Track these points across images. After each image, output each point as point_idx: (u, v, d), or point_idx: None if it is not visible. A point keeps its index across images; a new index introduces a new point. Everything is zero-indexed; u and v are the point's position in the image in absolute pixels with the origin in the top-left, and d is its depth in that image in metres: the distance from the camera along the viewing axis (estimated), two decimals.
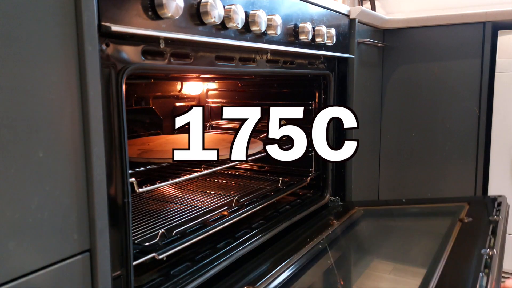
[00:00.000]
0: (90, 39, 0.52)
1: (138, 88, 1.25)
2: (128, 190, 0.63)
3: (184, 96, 1.45)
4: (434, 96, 1.53)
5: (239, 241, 0.95)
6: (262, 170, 1.46)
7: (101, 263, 0.56)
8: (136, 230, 0.89)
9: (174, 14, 0.63)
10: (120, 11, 0.58)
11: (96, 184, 0.54)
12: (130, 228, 0.64)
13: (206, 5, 0.69)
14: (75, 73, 0.51)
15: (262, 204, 1.07)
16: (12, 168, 0.46)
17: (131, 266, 0.64)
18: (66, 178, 0.51)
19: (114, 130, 0.60)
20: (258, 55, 0.92)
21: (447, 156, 1.53)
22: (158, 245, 0.81)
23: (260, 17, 0.82)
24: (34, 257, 0.49)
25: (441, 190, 1.55)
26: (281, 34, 0.92)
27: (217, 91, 1.54)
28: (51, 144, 0.49)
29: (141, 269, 0.80)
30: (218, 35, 0.75)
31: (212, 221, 0.96)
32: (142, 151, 1.00)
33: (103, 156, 0.55)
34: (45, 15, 0.48)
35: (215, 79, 1.47)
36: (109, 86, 0.59)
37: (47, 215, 0.49)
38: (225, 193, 1.20)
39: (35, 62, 0.47)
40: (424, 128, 1.56)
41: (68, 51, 0.51)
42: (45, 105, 0.48)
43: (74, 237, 0.53)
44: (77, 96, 0.52)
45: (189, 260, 0.87)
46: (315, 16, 1.07)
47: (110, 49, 0.59)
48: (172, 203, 1.12)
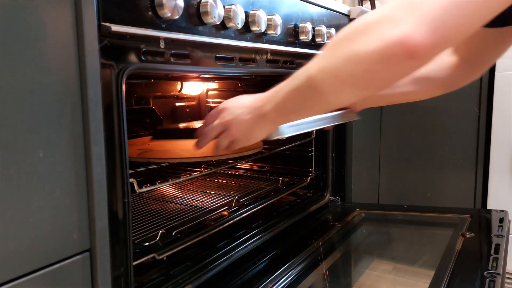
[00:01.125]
0: (90, 39, 0.52)
1: (138, 88, 1.25)
2: (128, 190, 0.63)
3: (184, 96, 1.45)
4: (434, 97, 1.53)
5: (239, 241, 0.95)
6: (262, 170, 1.46)
7: (101, 263, 0.56)
8: (136, 230, 0.89)
9: (174, 14, 0.63)
10: (120, 11, 0.58)
11: (96, 184, 0.54)
12: (130, 228, 0.64)
13: (206, 5, 0.69)
14: (75, 73, 0.51)
15: (262, 204, 1.07)
16: (12, 168, 0.46)
17: (131, 266, 0.64)
18: (66, 178, 0.51)
19: (114, 130, 0.60)
20: (258, 55, 0.92)
21: (447, 156, 1.53)
22: (158, 245, 0.81)
23: (260, 17, 0.82)
24: (34, 257, 0.49)
25: (441, 191, 1.55)
26: (281, 34, 0.92)
27: (217, 91, 1.54)
28: (51, 144, 0.49)
29: (141, 269, 0.80)
30: (218, 35, 0.75)
31: (212, 221, 0.96)
32: (142, 151, 1.00)
33: (103, 156, 0.55)
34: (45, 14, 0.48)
35: (215, 79, 1.47)
36: (109, 86, 0.59)
37: (47, 215, 0.49)
38: (225, 193, 1.20)
39: (36, 62, 0.47)
40: (424, 128, 1.56)
41: (68, 51, 0.51)
42: (45, 105, 0.48)
43: (74, 237, 0.53)
44: (77, 96, 0.52)
45: (189, 260, 0.87)
46: (315, 16, 1.07)
47: (110, 49, 0.59)
48: (172, 203, 1.12)
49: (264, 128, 0.66)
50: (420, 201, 1.58)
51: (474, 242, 1.01)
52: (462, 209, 1.30)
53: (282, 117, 0.65)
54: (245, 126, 0.68)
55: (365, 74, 0.50)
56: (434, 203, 1.55)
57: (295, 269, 0.92)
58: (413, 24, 0.45)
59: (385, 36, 0.46)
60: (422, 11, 0.45)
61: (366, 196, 1.51)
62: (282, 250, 1.00)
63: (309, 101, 0.59)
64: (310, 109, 0.62)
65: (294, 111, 0.64)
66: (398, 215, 1.29)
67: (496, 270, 0.83)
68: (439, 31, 0.45)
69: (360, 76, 0.50)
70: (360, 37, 0.49)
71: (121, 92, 0.60)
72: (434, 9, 0.45)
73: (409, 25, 0.45)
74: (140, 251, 0.78)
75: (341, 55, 0.51)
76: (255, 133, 0.67)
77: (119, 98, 0.60)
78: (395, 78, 0.51)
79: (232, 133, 0.70)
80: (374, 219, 1.31)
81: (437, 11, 0.45)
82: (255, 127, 0.67)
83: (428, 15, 0.45)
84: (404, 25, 0.45)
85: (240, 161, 1.19)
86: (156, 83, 1.31)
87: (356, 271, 1.04)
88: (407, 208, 1.30)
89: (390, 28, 0.46)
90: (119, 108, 0.60)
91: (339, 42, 0.52)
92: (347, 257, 1.09)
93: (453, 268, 0.87)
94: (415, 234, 1.24)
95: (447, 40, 0.47)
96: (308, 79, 0.57)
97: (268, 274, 0.88)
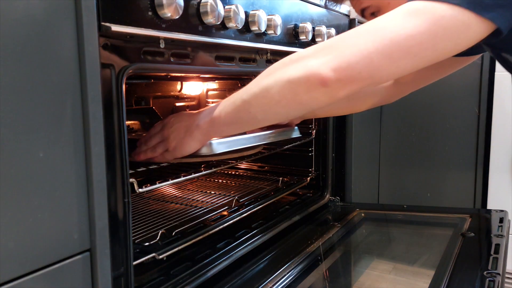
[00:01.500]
0: (90, 39, 0.52)
1: (138, 88, 1.25)
2: (128, 190, 0.63)
3: (184, 96, 1.45)
4: (433, 96, 1.53)
5: (239, 241, 0.95)
6: (262, 170, 1.47)
7: (101, 263, 0.56)
8: (136, 230, 0.89)
9: (174, 14, 0.63)
10: (120, 11, 0.58)
11: (96, 184, 0.54)
12: (130, 228, 0.64)
13: (206, 5, 0.69)
14: (75, 73, 0.51)
15: (262, 204, 1.07)
16: (12, 168, 0.46)
17: (131, 266, 0.64)
18: (66, 178, 0.51)
19: (114, 130, 0.60)
20: (258, 55, 0.92)
21: (447, 157, 1.53)
22: (158, 245, 0.81)
23: (260, 17, 0.82)
24: (34, 257, 0.49)
25: (441, 191, 1.55)
26: (281, 34, 0.92)
27: (217, 91, 1.54)
28: (51, 144, 0.49)
29: (141, 269, 0.80)
30: (218, 35, 0.75)
31: (212, 221, 0.96)
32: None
33: (103, 156, 0.55)
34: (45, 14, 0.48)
35: (215, 79, 1.47)
36: (109, 86, 0.59)
37: (47, 215, 0.49)
38: (225, 193, 1.20)
39: (35, 62, 0.47)
40: (424, 128, 1.56)
41: (68, 51, 0.51)
42: (45, 105, 0.48)
43: (74, 237, 0.53)
44: (77, 96, 0.52)
45: (189, 260, 0.87)
46: (315, 16, 1.07)
47: (110, 49, 0.59)
48: (172, 203, 1.12)
49: (196, 139, 0.71)
50: (420, 201, 1.58)
51: (474, 242, 1.01)
52: (462, 209, 1.30)
53: (214, 128, 0.70)
54: (180, 137, 0.72)
55: (290, 95, 0.60)
56: (434, 203, 1.55)
57: (295, 269, 0.92)
58: (327, 61, 0.57)
59: (307, 66, 0.58)
60: (337, 53, 0.57)
61: (366, 196, 1.51)
62: (282, 250, 1.00)
63: (241, 115, 0.67)
64: (241, 124, 0.69)
65: (226, 124, 0.69)
66: (398, 215, 1.29)
67: (496, 270, 0.83)
68: (344, 71, 0.57)
69: (286, 95, 0.60)
70: (291, 65, 0.60)
71: (121, 92, 0.60)
72: (346, 55, 0.57)
73: (324, 61, 0.57)
74: (140, 251, 0.78)
75: (275, 77, 0.62)
76: (188, 143, 0.71)
77: (119, 98, 0.60)
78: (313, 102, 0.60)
79: (167, 143, 0.74)
80: (374, 219, 1.31)
81: (347, 57, 0.57)
82: (189, 137, 0.71)
83: (341, 57, 0.57)
84: (321, 60, 0.57)
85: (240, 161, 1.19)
86: (156, 83, 1.31)
87: (356, 271, 1.04)
88: (407, 208, 1.30)
89: (312, 61, 0.58)
90: (119, 108, 0.60)
91: (276, 67, 0.63)
92: (347, 257, 1.09)
93: (453, 268, 0.87)
94: (415, 234, 1.24)
95: (352, 80, 0.57)
96: (242, 100, 0.66)
97: (268, 274, 0.88)
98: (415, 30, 0.55)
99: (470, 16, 0.55)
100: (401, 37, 0.56)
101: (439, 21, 0.55)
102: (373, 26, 0.58)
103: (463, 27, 0.56)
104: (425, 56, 0.58)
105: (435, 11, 0.55)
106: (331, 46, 0.59)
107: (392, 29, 0.56)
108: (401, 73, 0.60)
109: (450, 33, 0.56)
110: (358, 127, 1.39)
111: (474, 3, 0.55)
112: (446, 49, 0.58)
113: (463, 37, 0.57)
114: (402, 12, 0.57)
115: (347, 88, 0.58)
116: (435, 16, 0.55)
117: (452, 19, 0.55)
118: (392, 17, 0.58)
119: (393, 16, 0.58)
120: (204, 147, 0.70)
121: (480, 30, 0.57)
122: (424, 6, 0.56)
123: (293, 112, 0.66)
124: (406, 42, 0.56)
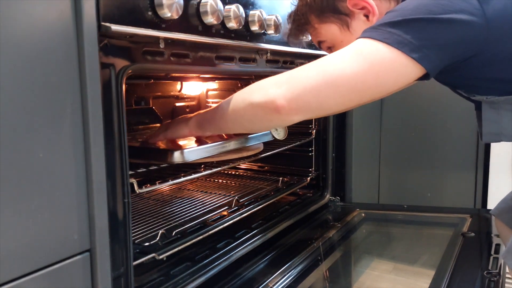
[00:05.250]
0: (90, 39, 0.52)
1: (138, 88, 1.25)
2: (128, 190, 0.63)
3: (184, 96, 1.45)
4: (434, 96, 1.53)
5: (239, 241, 0.95)
6: (262, 170, 1.46)
7: (101, 263, 0.56)
8: (136, 230, 0.89)
9: (174, 14, 0.63)
10: (120, 11, 0.58)
11: (96, 184, 0.54)
12: (130, 228, 0.64)
13: (206, 5, 0.69)
14: (75, 73, 0.51)
15: (262, 204, 1.07)
16: (12, 168, 0.46)
17: (131, 266, 0.64)
18: (66, 178, 0.51)
19: (114, 130, 0.60)
20: (258, 55, 0.92)
21: (447, 156, 1.53)
22: (158, 245, 0.81)
23: (260, 17, 0.82)
24: (34, 257, 0.49)
25: (441, 191, 1.55)
26: (281, 34, 0.92)
27: (217, 91, 1.54)
28: (51, 144, 0.49)
29: (141, 269, 0.80)
30: (218, 35, 0.75)
31: (212, 221, 0.96)
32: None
33: (103, 156, 0.55)
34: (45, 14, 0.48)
35: (215, 79, 1.47)
36: (109, 86, 0.59)
37: (47, 215, 0.49)
38: (225, 193, 1.20)
39: (35, 62, 0.47)
40: (424, 128, 1.56)
41: (68, 51, 0.51)
42: (45, 105, 0.48)
43: (74, 237, 0.53)
44: (77, 96, 0.52)
45: (189, 260, 0.87)
46: None
47: (110, 49, 0.59)
48: (172, 203, 1.12)
49: (184, 128, 0.84)
50: (420, 201, 1.57)
51: (474, 242, 1.01)
52: (462, 209, 1.30)
53: (202, 123, 0.81)
54: (174, 126, 0.87)
55: (251, 115, 0.70)
56: (434, 203, 1.54)
57: (295, 269, 0.92)
58: (282, 92, 0.65)
59: (267, 95, 0.66)
60: (290, 85, 0.65)
61: (366, 196, 1.51)
62: (282, 250, 1.00)
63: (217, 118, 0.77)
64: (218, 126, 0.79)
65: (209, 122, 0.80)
66: (398, 215, 1.29)
67: (496, 270, 0.83)
68: (295, 101, 0.64)
69: (248, 114, 0.70)
70: (255, 91, 0.69)
71: (121, 92, 0.60)
72: (298, 87, 0.64)
73: (280, 92, 0.65)
74: (140, 251, 0.78)
75: (243, 98, 0.71)
76: (182, 128, 0.85)
77: (119, 98, 0.60)
78: (270, 123, 0.71)
79: (167, 131, 0.88)
80: (374, 219, 1.31)
81: (298, 89, 0.64)
82: (184, 123, 0.85)
83: (293, 89, 0.65)
84: (278, 91, 0.65)
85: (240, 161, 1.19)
86: (156, 83, 1.31)
87: (356, 271, 1.04)
88: (407, 208, 1.30)
89: (271, 90, 0.66)
90: (119, 108, 0.60)
91: (249, 89, 0.71)
92: (347, 257, 1.09)
93: (453, 268, 0.87)
94: (415, 234, 1.24)
95: (302, 109, 0.66)
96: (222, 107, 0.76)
97: (268, 274, 0.88)
98: (359, 69, 0.62)
99: (404, 57, 0.61)
100: (348, 75, 0.63)
101: (380, 62, 0.62)
102: (324, 63, 0.65)
103: (401, 67, 0.62)
104: (369, 92, 0.65)
105: (378, 52, 0.62)
106: (288, 78, 0.67)
107: (340, 66, 0.63)
108: (348, 105, 0.68)
109: (390, 73, 0.63)
110: (358, 127, 1.39)
111: (403, 44, 0.60)
112: (387, 86, 0.64)
113: (401, 76, 0.63)
114: (350, 51, 0.64)
115: (299, 116, 0.67)
116: (376, 57, 0.62)
117: (391, 59, 0.61)
118: (341, 56, 0.64)
119: (342, 55, 0.64)
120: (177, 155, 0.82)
121: (413, 70, 0.62)
122: (368, 47, 0.63)
123: (256, 127, 0.80)
124: (351, 79, 0.63)
